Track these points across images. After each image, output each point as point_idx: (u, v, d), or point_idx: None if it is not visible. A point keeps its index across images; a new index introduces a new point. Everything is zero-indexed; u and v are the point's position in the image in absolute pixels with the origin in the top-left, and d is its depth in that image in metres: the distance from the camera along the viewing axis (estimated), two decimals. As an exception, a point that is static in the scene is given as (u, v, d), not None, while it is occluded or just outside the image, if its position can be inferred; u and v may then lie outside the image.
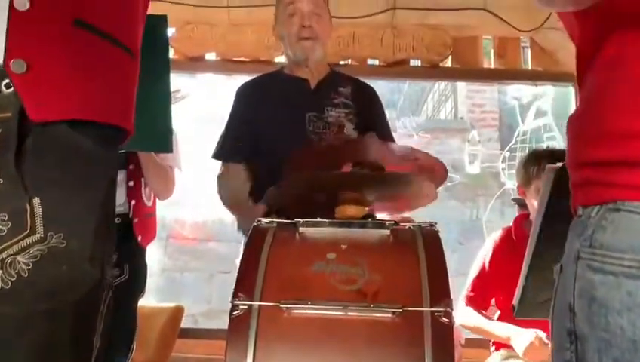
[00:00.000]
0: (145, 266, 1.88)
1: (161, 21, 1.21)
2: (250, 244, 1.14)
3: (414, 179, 1.25)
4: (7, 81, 0.77)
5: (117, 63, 0.90)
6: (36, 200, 0.75)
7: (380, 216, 1.46)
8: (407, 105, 7.36)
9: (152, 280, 2.05)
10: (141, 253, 1.85)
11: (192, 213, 5.47)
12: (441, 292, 1.02)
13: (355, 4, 2.85)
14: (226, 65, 2.97)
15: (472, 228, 6.03)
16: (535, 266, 0.97)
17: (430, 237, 1.14)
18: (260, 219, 1.23)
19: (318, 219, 1.21)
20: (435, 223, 1.20)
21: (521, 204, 2.57)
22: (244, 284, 1.04)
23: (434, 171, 1.30)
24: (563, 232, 0.95)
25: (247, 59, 2.98)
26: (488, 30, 3.02)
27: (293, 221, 1.20)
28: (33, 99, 0.77)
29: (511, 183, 5.07)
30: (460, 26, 2.94)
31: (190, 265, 5.74)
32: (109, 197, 0.86)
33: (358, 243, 1.14)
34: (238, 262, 1.71)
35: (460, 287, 1.88)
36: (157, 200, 1.94)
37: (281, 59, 3.03)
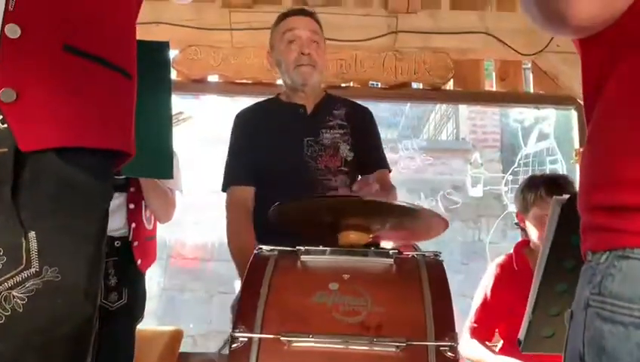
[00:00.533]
0: (144, 290, 1.86)
1: (162, 47, 1.21)
2: (250, 273, 1.12)
3: (422, 212, 1.24)
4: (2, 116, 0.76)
5: (112, 86, 0.89)
6: (32, 235, 0.75)
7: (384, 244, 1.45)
8: (409, 126, 7.38)
9: (151, 301, 2.02)
10: (140, 277, 1.83)
11: (193, 233, 5.44)
12: (445, 326, 1.00)
13: (358, 28, 2.87)
14: (229, 88, 2.98)
15: (474, 249, 6.00)
16: (541, 300, 0.95)
17: (434, 268, 1.12)
18: (260, 246, 1.21)
19: (320, 247, 1.19)
20: (439, 253, 1.18)
21: (524, 228, 2.56)
22: (245, 315, 1.02)
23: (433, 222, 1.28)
24: (570, 266, 0.93)
25: (250, 82, 2.99)
26: (490, 54, 3.04)
27: (294, 248, 1.19)
28: (22, 129, 0.76)
29: (514, 206, 5.05)
30: (462, 49, 2.95)
31: (190, 286, 5.70)
32: (102, 229, 0.86)
33: (361, 273, 1.12)
34: (237, 284, 1.70)
35: (463, 308, 1.85)
36: (157, 222, 1.93)
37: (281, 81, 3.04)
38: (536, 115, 4.12)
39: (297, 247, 1.18)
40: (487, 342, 1.82)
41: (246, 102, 3.45)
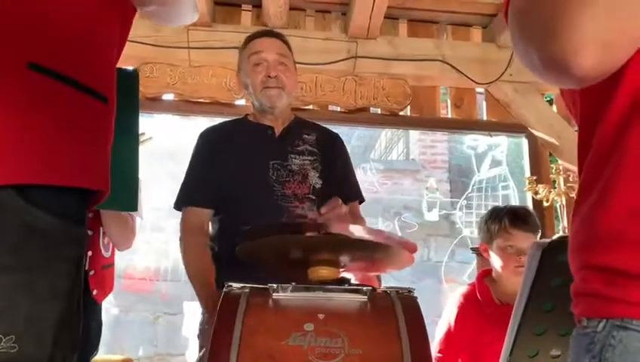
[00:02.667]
0: (99, 322, 1.76)
1: (132, 75, 1.15)
2: (222, 313, 1.07)
3: (390, 246, 1.23)
4: None
5: (85, 112, 0.80)
6: None
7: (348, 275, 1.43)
8: (360, 145, 7.46)
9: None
10: (96, 308, 1.73)
11: (142, 254, 5.26)
12: (423, 367, 0.99)
13: (318, 51, 2.88)
14: (185, 106, 2.92)
15: (423, 268, 6.09)
16: (520, 341, 0.96)
17: (409, 305, 1.11)
18: (230, 283, 1.17)
19: (293, 284, 1.16)
20: (413, 289, 1.18)
21: (480, 253, 2.61)
22: (218, 359, 0.98)
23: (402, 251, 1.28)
24: (548, 308, 0.95)
25: (207, 101, 2.94)
26: (446, 81, 3.11)
27: (265, 286, 1.15)
28: None
29: (468, 231, 5.17)
30: (419, 76, 3.02)
31: (137, 307, 5.50)
32: (75, 282, 0.75)
33: (336, 312, 1.10)
34: (185, 304, 1.64)
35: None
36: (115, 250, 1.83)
37: (241, 101, 3.00)
38: (489, 142, 4.26)
39: (269, 285, 1.14)
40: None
41: (201, 121, 3.38)
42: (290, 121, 1.81)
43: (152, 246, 4.81)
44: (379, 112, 3.03)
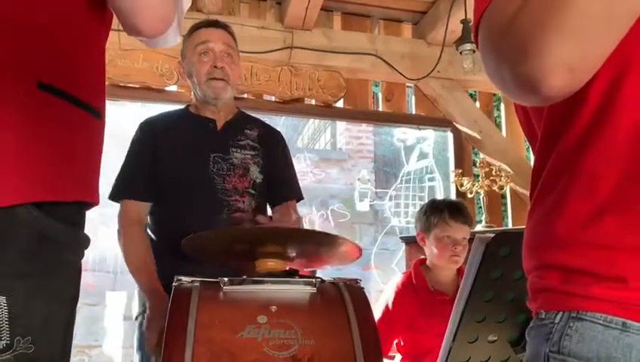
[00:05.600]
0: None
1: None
2: (175, 308, 1.07)
3: (336, 238, 1.27)
4: None
5: (84, 130, 0.82)
6: (1, 300, 0.67)
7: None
8: (288, 132, 7.48)
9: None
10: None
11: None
12: (374, 355, 1.04)
13: (253, 40, 2.87)
14: (114, 91, 2.80)
15: (349, 255, 6.22)
16: (462, 329, 1.03)
17: (358, 296, 1.16)
18: (179, 277, 1.16)
19: (244, 277, 1.17)
20: (360, 279, 1.23)
21: (408, 242, 2.73)
22: (173, 354, 0.98)
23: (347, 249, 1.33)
24: (488, 298, 1.03)
25: (137, 86, 2.84)
26: (378, 75, 3.20)
27: (216, 279, 1.16)
28: None
29: (396, 220, 5.33)
30: (353, 69, 3.08)
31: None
32: (78, 287, 0.79)
33: (288, 304, 1.13)
34: (108, 294, 1.59)
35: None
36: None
37: (173, 87, 2.93)
38: (418, 135, 4.42)
39: (220, 278, 1.15)
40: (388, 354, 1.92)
41: (131, 107, 3.26)
42: (234, 115, 1.80)
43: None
44: (313, 103, 3.07)
